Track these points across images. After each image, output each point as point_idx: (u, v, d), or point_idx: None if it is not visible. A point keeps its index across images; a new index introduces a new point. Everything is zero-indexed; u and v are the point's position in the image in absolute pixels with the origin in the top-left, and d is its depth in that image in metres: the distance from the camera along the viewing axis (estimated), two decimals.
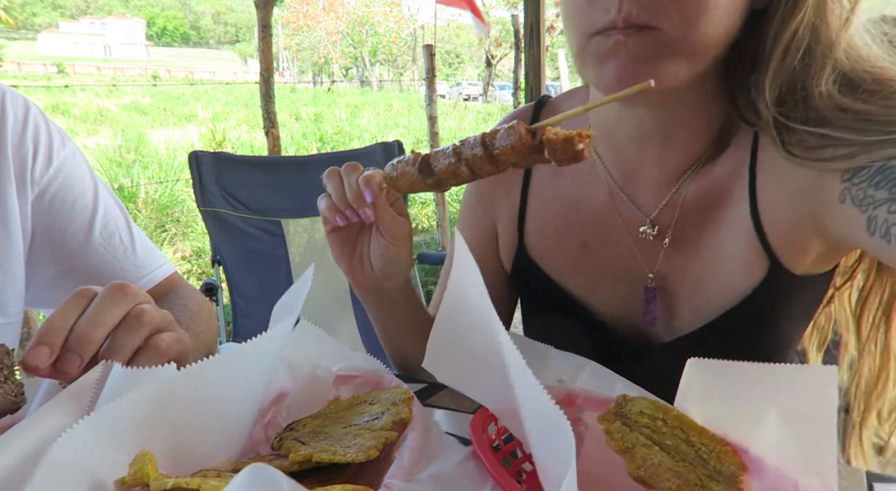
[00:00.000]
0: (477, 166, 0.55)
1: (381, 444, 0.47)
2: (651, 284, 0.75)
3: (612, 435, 0.49)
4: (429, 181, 0.59)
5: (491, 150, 0.54)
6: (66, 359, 0.49)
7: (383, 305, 0.77)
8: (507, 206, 0.85)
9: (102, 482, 0.39)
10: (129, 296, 0.53)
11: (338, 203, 0.66)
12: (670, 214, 0.73)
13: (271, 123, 3.35)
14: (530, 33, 3.80)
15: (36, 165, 0.78)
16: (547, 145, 0.51)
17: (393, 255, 0.69)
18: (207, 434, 0.46)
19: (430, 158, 0.59)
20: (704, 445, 0.49)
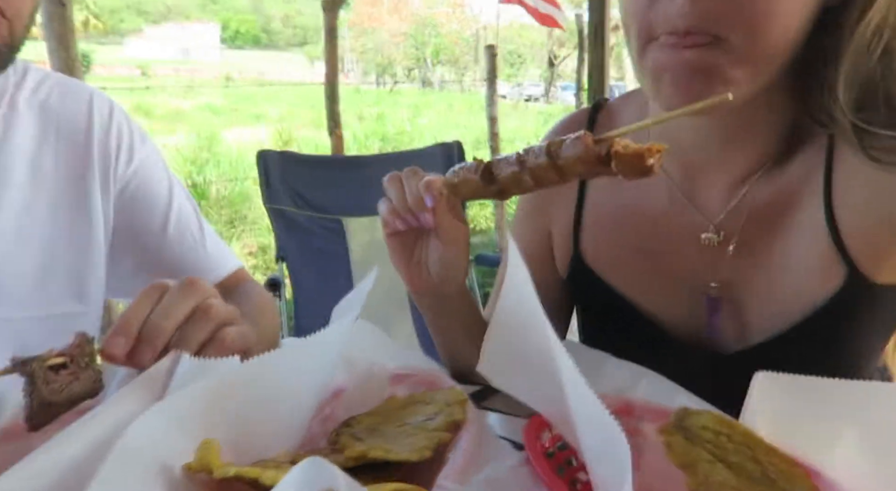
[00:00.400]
0: (541, 176, 0.55)
1: (434, 444, 0.47)
2: (714, 292, 0.73)
3: (672, 448, 0.47)
4: (490, 189, 0.58)
5: (556, 160, 0.53)
6: (140, 349, 0.51)
7: (439, 308, 0.77)
8: (563, 212, 0.84)
9: (170, 467, 0.41)
10: (198, 290, 0.55)
11: (398, 207, 0.66)
12: (736, 220, 0.71)
13: (335, 124, 3.43)
14: (594, 33, 3.73)
15: (118, 163, 0.82)
16: (615, 158, 0.50)
17: (450, 259, 0.70)
18: (268, 426, 0.47)
19: (493, 166, 0.58)
20: (773, 464, 0.46)
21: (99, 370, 0.51)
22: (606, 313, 0.82)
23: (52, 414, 0.48)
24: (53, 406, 0.48)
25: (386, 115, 14.11)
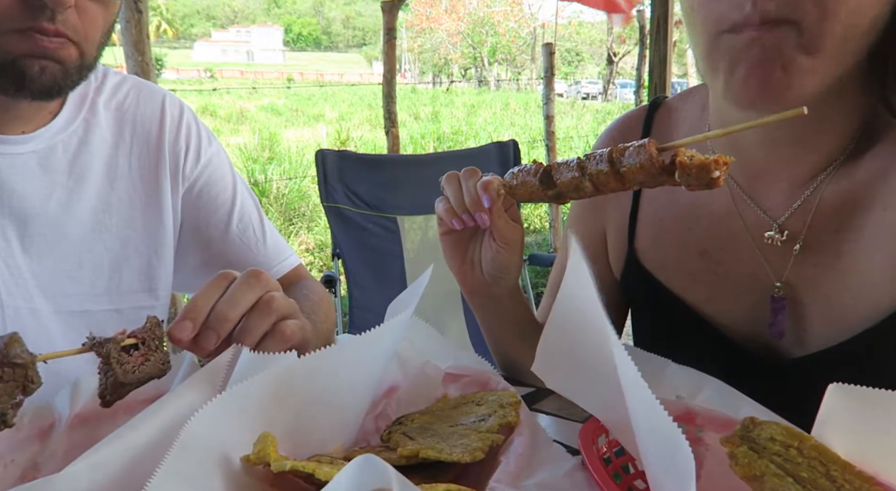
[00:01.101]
0: (601, 182, 0.54)
1: (487, 446, 0.46)
2: (778, 293, 0.69)
3: (737, 460, 0.45)
4: (549, 193, 0.58)
5: (618, 167, 0.52)
6: (205, 335, 0.54)
7: (491, 308, 0.77)
8: (618, 211, 0.82)
9: (229, 458, 0.42)
10: (262, 282, 0.57)
11: (455, 207, 0.66)
12: (802, 219, 0.68)
13: (391, 123, 3.46)
14: (657, 28, 3.62)
15: (187, 162, 0.86)
16: (679, 169, 0.49)
17: (504, 260, 0.70)
18: (323, 421, 0.48)
19: (553, 170, 0.58)
20: (848, 481, 0.44)
21: (167, 353, 0.54)
22: (660, 314, 0.80)
23: (123, 393, 0.51)
24: (125, 386, 0.50)
25: (441, 114, 14.17)
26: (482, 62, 35.92)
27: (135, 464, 0.41)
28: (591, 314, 0.42)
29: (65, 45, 0.64)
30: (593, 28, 37.72)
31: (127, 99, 0.83)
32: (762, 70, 0.56)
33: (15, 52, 0.62)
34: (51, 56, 0.63)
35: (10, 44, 0.62)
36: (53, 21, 0.61)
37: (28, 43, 0.62)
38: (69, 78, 0.66)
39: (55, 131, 0.76)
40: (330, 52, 78.65)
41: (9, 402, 0.45)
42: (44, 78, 0.64)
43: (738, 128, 0.51)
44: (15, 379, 0.45)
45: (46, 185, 0.74)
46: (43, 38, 0.62)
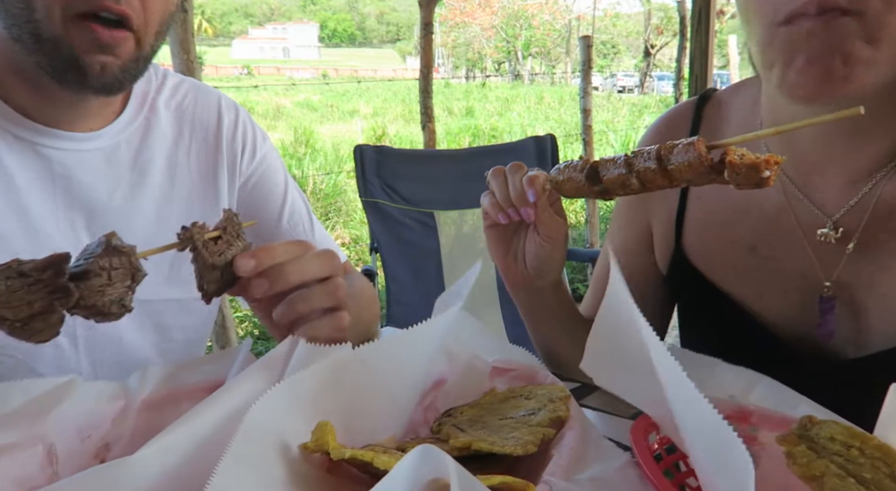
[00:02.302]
0: (648, 179, 0.54)
1: (538, 440, 0.47)
2: (828, 292, 0.68)
3: (795, 459, 0.44)
4: (595, 189, 0.59)
5: (665, 165, 0.52)
6: (258, 282, 0.56)
7: (535, 303, 0.77)
8: (665, 206, 0.81)
9: (288, 445, 0.43)
10: (335, 265, 0.60)
11: (501, 201, 0.67)
12: (858, 216, 0.66)
13: (428, 118, 3.47)
14: (698, 19, 3.54)
15: (243, 158, 0.89)
16: (729, 168, 0.48)
17: (547, 254, 0.70)
18: (375, 411, 0.49)
19: (600, 166, 0.58)
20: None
21: (248, 243, 0.57)
22: (708, 310, 0.79)
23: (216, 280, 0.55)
24: (216, 269, 0.54)
25: (475, 108, 14.12)
26: (516, 56, 35.65)
27: (201, 449, 0.42)
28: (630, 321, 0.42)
29: (123, 40, 0.66)
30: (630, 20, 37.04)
31: (185, 99, 0.87)
32: (821, 62, 0.54)
33: (78, 47, 0.64)
34: (109, 50, 0.66)
35: (73, 36, 0.64)
36: (118, 1, 0.63)
37: (88, 35, 0.64)
38: (128, 72, 0.69)
39: (119, 129, 0.79)
40: (364, 47, 79.16)
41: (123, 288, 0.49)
42: (104, 76, 0.67)
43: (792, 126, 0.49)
44: (123, 267, 0.50)
45: (112, 179, 0.78)
46: (102, 30, 0.64)
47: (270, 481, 0.41)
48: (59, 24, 0.63)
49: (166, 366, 0.58)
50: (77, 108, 0.73)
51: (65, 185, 0.74)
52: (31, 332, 0.46)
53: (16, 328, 0.46)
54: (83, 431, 0.49)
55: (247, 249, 0.57)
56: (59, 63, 0.65)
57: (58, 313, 0.47)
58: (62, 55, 0.65)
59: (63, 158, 0.74)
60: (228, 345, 2.23)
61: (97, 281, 0.48)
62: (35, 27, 0.64)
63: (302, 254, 0.58)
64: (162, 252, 0.54)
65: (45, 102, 0.71)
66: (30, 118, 0.71)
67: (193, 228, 0.54)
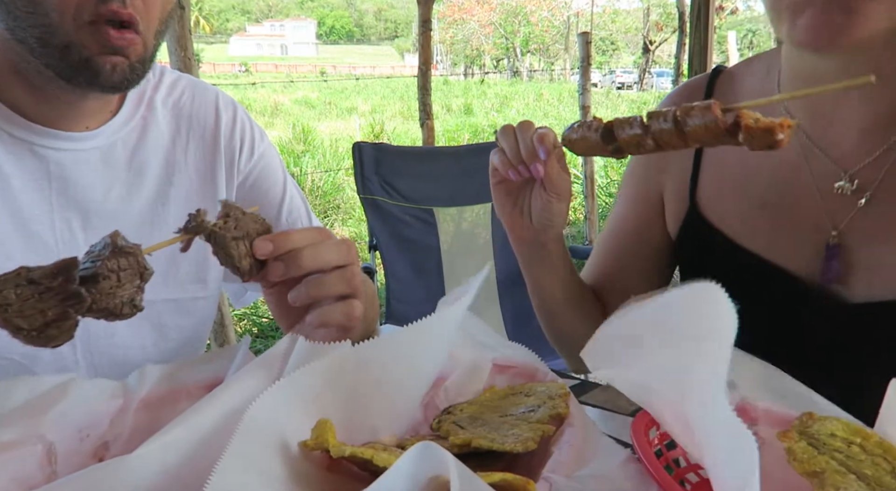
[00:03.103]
0: (664, 140, 0.56)
1: (538, 436, 0.47)
2: (833, 241, 0.71)
3: (795, 455, 0.44)
4: (609, 148, 0.60)
5: (682, 127, 0.54)
6: (274, 265, 0.57)
7: (537, 256, 0.79)
8: (679, 165, 0.83)
9: (288, 443, 0.43)
10: (352, 254, 0.61)
11: (511, 158, 0.68)
12: (874, 171, 0.69)
13: (427, 115, 3.47)
14: (697, 15, 3.53)
15: (242, 157, 0.89)
16: (744, 131, 0.50)
17: (554, 208, 0.72)
18: (376, 410, 0.49)
19: (615, 126, 0.59)
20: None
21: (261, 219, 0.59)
22: (718, 264, 0.80)
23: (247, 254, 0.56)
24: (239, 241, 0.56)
25: (473, 105, 14.11)
26: (514, 53, 35.60)
27: (201, 447, 0.42)
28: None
29: (133, 41, 0.66)
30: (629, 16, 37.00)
31: (183, 97, 0.86)
32: (827, 14, 0.57)
33: (90, 50, 0.64)
34: (120, 52, 0.66)
35: (85, 39, 0.64)
36: (125, 4, 0.64)
37: (100, 38, 0.64)
38: (135, 72, 0.69)
39: (116, 128, 0.79)
40: (362, 44, 79.00)
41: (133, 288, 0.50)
42: (114, 76, 0.67)
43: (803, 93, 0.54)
44: (131, 267, 0.50)
45: (107, 179, 0.77)
46: (113, 32, 0.64)
47: (270, 479, 0.41)
48: (72, 31, 0.64)
49: (165, 365, 0.57)
50: (75, 106, 0.73)
51: (60, 185, 0.74)
52: (46, 339, 0.47)
53: (32, 337, 0.46)
54: (82, 431, 0.49)
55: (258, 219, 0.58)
56: (70, 64, 0.65)
57: (72, 319, 0.47)
58: (73, 58, 0.65)
59: (60, 158, 0.73)
60: (227, 343, 2.23)
61: (107, 283, 0.48)
62: (43, 32, 0.64)
63: (320, 240, 0.59)
64: (169, 245, 0.55)
65: (41, 102, 0.71)
66: (26, 118, 0.71)
67: (199, 214, 0.55)
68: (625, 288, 0.87)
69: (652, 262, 0.88)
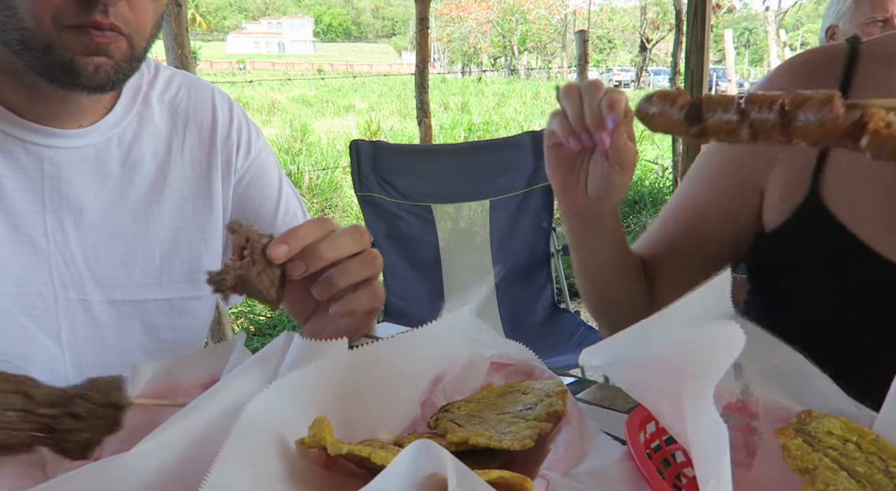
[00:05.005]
0: (763, 132, 0.47)
1: (535, 434, 0.46)
2: None
3: (790, 452, 0.44)
4: (692, 130, 0.52)
5: (789, 119, 0.46)
6: (295, 264, 0.57)
7: (589, 228, 0.73)
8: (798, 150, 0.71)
9: (285, 440, 0.43)
10: (365, 239, 0.61)
11: (574, 124, 0.60)
12: None
13: (424, 113, 3.46)
14: (694, 13, 3.54)
15: (238, 156, 0.88)
16: (870, 136, 0.42)
17: (616, 180, 0.65)
18: (375, 409, 0.49)
19: (704, 105, 0.51)
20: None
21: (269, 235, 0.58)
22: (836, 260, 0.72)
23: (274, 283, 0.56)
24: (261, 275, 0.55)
25: (471, 103, 14.09)
26: (512, 51, 35.59)
27: (198, 445, 0.42)
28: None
29: (116, 40, 0.66)
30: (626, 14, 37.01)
31: (179, 94, 0.86)
32: None
33: (72, 51, 0.64)
34: (103, 52, 0.65)
35: (66, 41, 0.64)
36: (107, 14, 0.63)
37: (82, 39, 0.64)
38: (121, 72, 0.68)
39: (110, 125, 0.78)
40: (359, 42, 78.85)
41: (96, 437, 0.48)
42: (98, 76, 0.66)
43: None
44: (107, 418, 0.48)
45: (101, 177, 0.77)
46: (96, 33, 0.64)
47: (268, 477, 0.41)
48: (52, 33, 0.63)
49: (158, 362, 0.57)
50: (68, 104, 0.72)
51: (54, 184, 0.73)
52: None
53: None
54: None
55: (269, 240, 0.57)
56: (51, 65, 0.65)
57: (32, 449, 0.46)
58: (54, 58, 0.64)
59: (54, 156, 0.73)
60: (224, 341, 2.23)
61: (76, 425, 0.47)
62: (23, 35, 0.63)
63: (328, 231, 0.59)
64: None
65: (34, 100, 0.70)
66: (18, 115, 0.70)
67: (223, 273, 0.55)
68: (680, 269, 0.80)
69: (719, 252, 0.79)
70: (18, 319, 0.72)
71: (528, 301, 2.20)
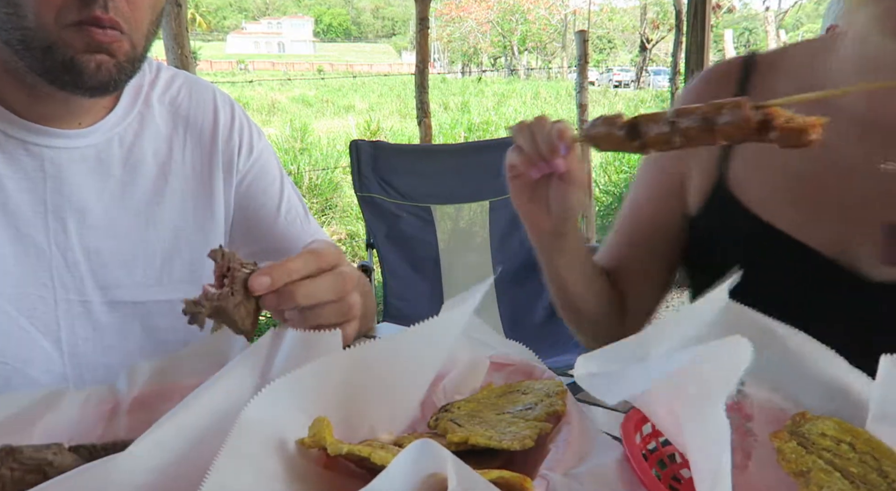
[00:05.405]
0: (692, 137, 0.55)
1: (535, 434, 0.47)
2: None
3: (784, 455, 0.45)
4: (634, 144, 0.59)
5: (711, 125, 0.53)
6: (268, 297, 0.57)
7: (557, 246, 0.79)
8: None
9: (285, 440, 0.43)
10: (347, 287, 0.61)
11: (531, 155, 0.68)
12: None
13: (424, 113, 3.46)
14: (694, 13, 3.54)
15: (240, 157, 0.88)
16: (775, 130, 0.50)
17: (574, 198, 0.72)
18: (376, 409, 0.49)
19: (641, 123, 0.59)
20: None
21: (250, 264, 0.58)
22: (745, 243, 0.79)
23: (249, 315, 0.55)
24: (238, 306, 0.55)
25: (471, 103, 14.09)
26: (512, 51, 35.59)
27: (194, 445, 0.42)
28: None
29: (118, 39, 0.66)
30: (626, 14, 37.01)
31: (180, 94, 0.86)
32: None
33: (74, 48, 0.64)
34: (105, 50, 0.65)
35: (68, 38, 0.63)
36: (107, 9, 0.63)
37: (84, 36, 0.64)
38: (123, 72, 0.68)
39: (112, 125, 0.78)
40: (360, 42, 78.82)
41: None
42: (100, 75, 0.66)
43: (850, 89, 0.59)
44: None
45: (102, 177, 0.77)
46: (97, 31, 0.64)
47: (267, 477, 0.41)
48: (53, 32, 0.63)
49: (154, 361, 0.57)
50: (69, 104, 0.72)
51: (55, 185, 0.73)
52: None
53: None
54: (73, 440, 0.48)
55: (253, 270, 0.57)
56: (52, 66, 0.65)
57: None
58: (55, 58, 0.64)
59: (55, 157, 0.73)
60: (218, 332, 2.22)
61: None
62: (24, 35, 0.63)
63: (315, 270, 0.59)
64: None
65: (35, 100, 0.70)
66: (19, 115, 0.70)
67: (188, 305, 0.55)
68: (639, 271, 0.87)
69: (667, 245, 0.87)
70: (17, 321, 0.72)
71: (528, 301, 2.20)
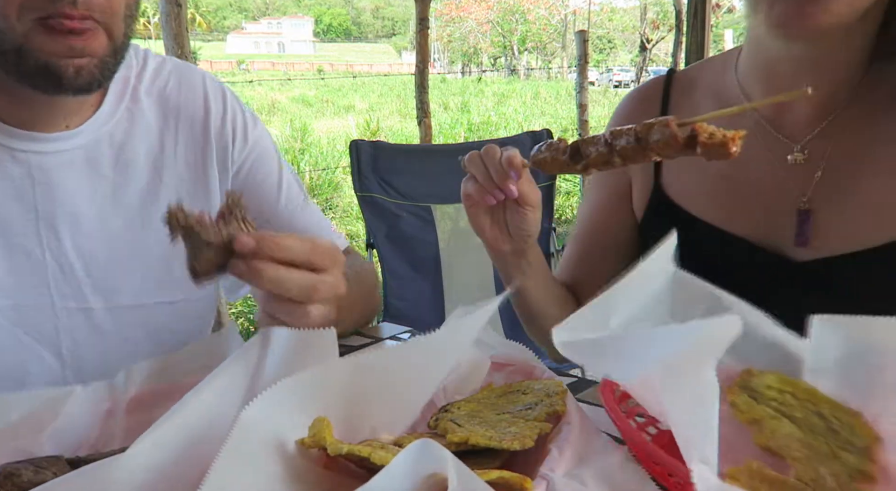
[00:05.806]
0: (628, 156, 0.60)
1: (535, 434, 0.47)
2: (804, 206, 0.78)
3: (738, 407, 0.50)
4: (577, 167, 0.64)
5: (644, 144, 0.58)
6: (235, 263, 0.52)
7: (519, 265, 0.83)
8: None
9: (285, 441, 0.43)
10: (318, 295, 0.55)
11: (485, 185, 0.72)
12: (822, 145, 0.77)
13: (424, 113, 3.46)
14: (694, 13, 3.54)
15: (235, 146, 0.85)
16: (700, 146, 0.55)
17: (529, 218, 0.76)
18: (377, 414, 0.49)
19: (581, 146, 0.64)
20: (837, 417, 0.49)
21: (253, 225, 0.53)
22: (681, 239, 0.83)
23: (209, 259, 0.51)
24: (210, 247, 0.51)
25: (471, 103, 14.10)
26: (512, 51, 35.61)
27: (191, 446, 0.42)
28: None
29: (94, 36, 0.62)
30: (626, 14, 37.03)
31: (169, 84, 0.82)
32: (795, 8, 0.66)
33: (46, 53, 0.61)
34: (80, 52, 0.62)
35: (39, 43, 0.60)
36: (76, 5, 0.60)
37: (58, 45, 0.61)
38: (106, 69, 0.65)
39: (100, 124, 0.75)
40: (360, 42, 78.85)
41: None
42: (80, 79, 0.63)
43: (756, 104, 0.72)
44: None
45: (93, 179, 0.74)
46: (71, 36, 0.61)
47: (267, 477, 0.41)
48: (20, 34, 0.60)
49: (151, 361, 0.57)
50: (53, 106, 0.69)
51: (45, 191, 0.71)
52: None
53: None
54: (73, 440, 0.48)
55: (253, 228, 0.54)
56: (27, 70, 0.62)
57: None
58: (30, 63, 0.61)
59: (42, 162, 0.70)
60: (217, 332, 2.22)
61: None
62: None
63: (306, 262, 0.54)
64: None
65: (17, 104, 0.68)
66: (3, 121, 0.68)
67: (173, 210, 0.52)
68: (597, 281, 0.91)
69: (622, 253, 0.93)
70: (14, 333, 0.70)
71: None
